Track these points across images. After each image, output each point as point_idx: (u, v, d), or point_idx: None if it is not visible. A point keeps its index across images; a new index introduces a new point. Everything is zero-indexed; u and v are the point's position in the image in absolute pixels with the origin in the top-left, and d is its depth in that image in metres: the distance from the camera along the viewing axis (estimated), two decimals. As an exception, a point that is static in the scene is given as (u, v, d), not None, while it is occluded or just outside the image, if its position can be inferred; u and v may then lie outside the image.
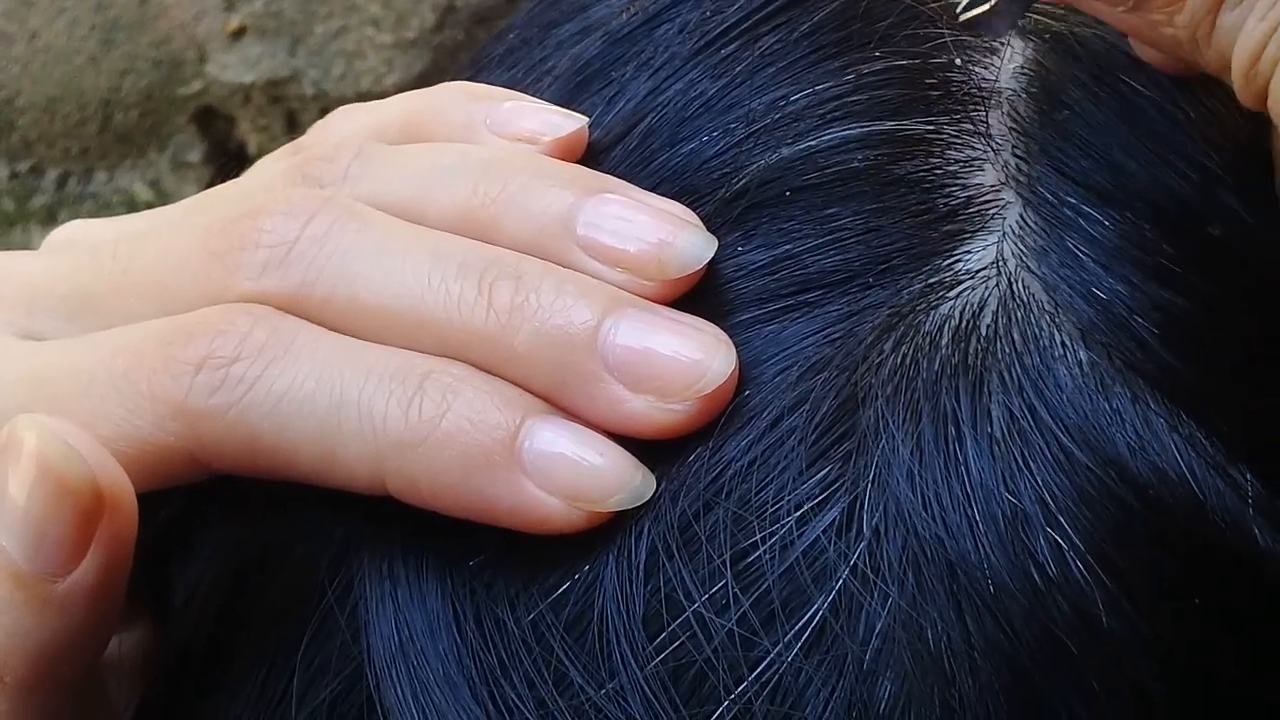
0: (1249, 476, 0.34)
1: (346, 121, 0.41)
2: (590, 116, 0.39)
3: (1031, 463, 0.33)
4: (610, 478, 0.34)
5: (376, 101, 0.41)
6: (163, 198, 0.98)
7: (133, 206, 0.99)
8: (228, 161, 1.00)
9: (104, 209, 0.98)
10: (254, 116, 0.96)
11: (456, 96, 0.40)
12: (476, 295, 0.34)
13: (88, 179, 0.97)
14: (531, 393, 0.34)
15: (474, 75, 0.44)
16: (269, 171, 0.40)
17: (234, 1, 0.93)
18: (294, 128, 0.95)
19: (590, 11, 0.43)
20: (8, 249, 0.42)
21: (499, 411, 0.34)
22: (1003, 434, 0.33)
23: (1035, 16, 0.39)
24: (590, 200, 0.36)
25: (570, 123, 0.38)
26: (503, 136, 0.39)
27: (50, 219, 0.97)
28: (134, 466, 0.33)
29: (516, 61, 0.43)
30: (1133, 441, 0.33)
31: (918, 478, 0.33)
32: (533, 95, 0.40)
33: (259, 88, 0.94)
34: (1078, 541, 0.32)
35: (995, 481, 0.33)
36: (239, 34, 0.93)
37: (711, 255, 0.36)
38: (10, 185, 0.97)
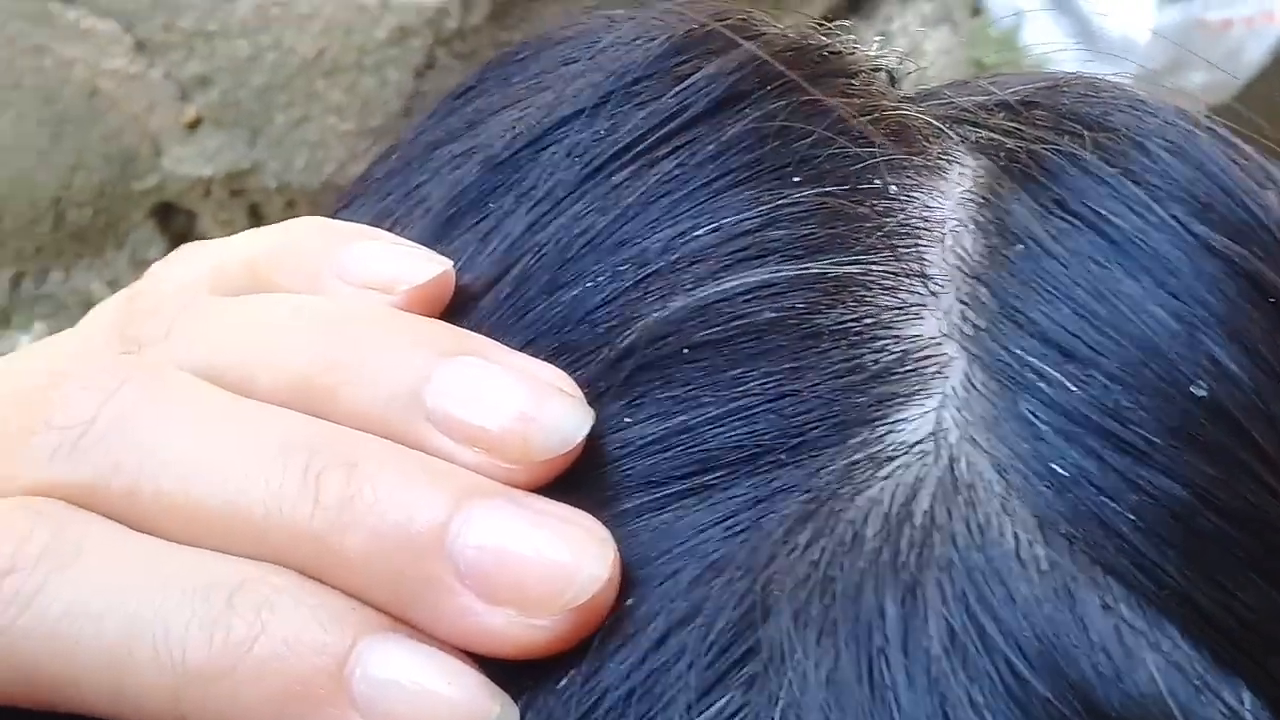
0: (1246, 700, 0.28)
1: (187, 264, 0.36)
2: (460, 257, 0.34)
3: (977, 695, 0.27)
4: (461, 711, 0.28)
5: (225, 239, 0.36)
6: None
7: (90, 307, 0.94)
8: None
9: (60, 310, 0.94)
10: (215, 210, 0.91)
11: (305, 236, 0.35)
12: (300, 487, 0.29)
13: (43, 279, 0.93)
14: (369, 604, 0.29)
15: (349, 204, 0.38)
16: (93, 325, 0.34)
17: (189, 91, 0.88)
18: (259, 221, 0.91)
19: (478, 129, 0.37)
20: (-40, 355, 0.37)
21: (324, 631, 0.28)
22: (941, 655, 0.28)
23: (987, 132, 0.33)
24: (444, 365, 0.31)
25: (431, 267, 0.33)
26: (353, 284, 0.33)
27: (4, 322, 0.93)
28: None
29: (393, 188, 0.37)
30: (1102, 663, 0.28)
31: (834, 714, 0.27)
32: (403, 229, 0.35)
33: (219, 181, 0.90)
34: None
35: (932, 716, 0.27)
36: (195, 125, 0.88)
37: (586, 431, 0.30)
38: (-39, 289, 0.93)
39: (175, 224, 0.93)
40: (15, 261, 0.93)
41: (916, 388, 0.30)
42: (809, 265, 0.32)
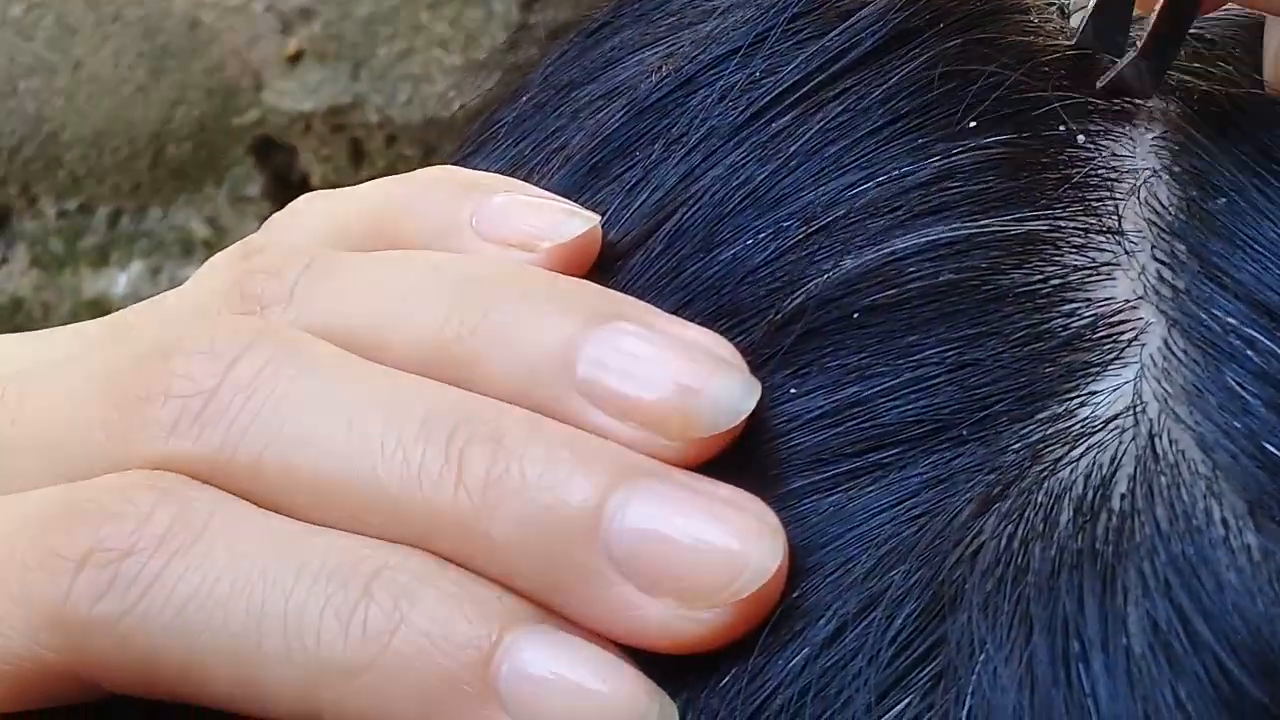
0: None
1: (308, 216, 0.33)
2: (606, 211, 0.31)
3: (1183, 694, 0.25)
4: (616, 711, 0.26)
5: (348, 189, 0.34)
6: (221, 235, 0.92)
7: (189, 245, 0.93)
8: (290, 195, 0.93)
9: (159, 248, 0.92)
10: (316, 146, 0.89)
11: (438, 187, 0.32)
12: (443, 464, 0.27)
13: (141, 217, 0.92)
14: (515, 593, 0.27)
15: (476, 150, 0.36)
16: (208, 283, 0.32)
17: (291, 24, 0.86)
18: (360, 157, 0.89)
19: (617, 70, 0.35)
20: (57, 293, 0.36)
21: (469, 623, 0.26)
22: (1144, 653, 0.25)
23: (1175, 72, 0.31)
24: (596, 330, 0.28)
25: (577, 223, 0.31)
26: (492, 240, 0.31)
27: (102, 260, 0.91)
28: (3, 685, 0.27)
29: (526, 133, 0.35)
30: None
31: (1028, 713, 0.25)
32: (540, 179, 0.33)
33: (320, 115, 0.88)
34: None
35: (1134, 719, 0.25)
36: (296, 58, 0.87)
37: (752, 405, 0.28)
38: (58, 225, 0.92)
39: (275, 160, 0.92)
40: (113, 198, 0.92)
41: (1110, 356, 0.28)
42: (990, 221, 0.29)
